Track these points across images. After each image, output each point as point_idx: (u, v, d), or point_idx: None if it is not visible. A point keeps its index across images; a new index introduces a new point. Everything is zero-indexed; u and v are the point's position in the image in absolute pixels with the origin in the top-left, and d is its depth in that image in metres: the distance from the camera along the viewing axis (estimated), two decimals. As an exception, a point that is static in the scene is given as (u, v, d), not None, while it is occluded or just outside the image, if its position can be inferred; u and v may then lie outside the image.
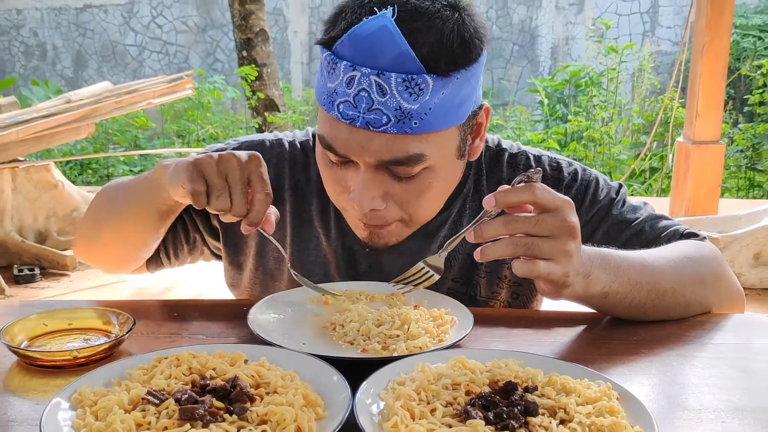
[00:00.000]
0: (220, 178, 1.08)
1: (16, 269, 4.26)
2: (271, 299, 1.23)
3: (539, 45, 9.49)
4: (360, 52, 1.09)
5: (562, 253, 1.01)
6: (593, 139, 7.26)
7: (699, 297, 1.26)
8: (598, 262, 1.11)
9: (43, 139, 4.28)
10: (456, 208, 1.35)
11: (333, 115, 1.14)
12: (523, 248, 1.00)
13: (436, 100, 1.11)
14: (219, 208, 1.08)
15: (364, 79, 1.09)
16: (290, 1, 9.54)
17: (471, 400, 0.88)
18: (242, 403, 0.86)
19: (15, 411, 0.93)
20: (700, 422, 0.92)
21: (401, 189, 1.19)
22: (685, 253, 1.27)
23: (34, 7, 9.71)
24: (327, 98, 1.15)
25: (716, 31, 4.58)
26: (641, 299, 1.18)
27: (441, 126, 1.14)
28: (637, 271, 1.18)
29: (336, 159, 1.19)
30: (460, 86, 1.13)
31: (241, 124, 8.03)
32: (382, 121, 1.10)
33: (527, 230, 0.99)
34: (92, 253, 1.45)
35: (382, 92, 1.09)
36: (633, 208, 1.37)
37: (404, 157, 1.14)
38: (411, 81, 1.08)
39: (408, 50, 1.07)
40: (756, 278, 4.08)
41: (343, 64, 1.10)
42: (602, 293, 1.14)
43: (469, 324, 1.12)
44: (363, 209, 1.18)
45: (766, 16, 8.63)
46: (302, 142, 1.42)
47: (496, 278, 1.37)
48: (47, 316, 1.13)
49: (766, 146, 7.44)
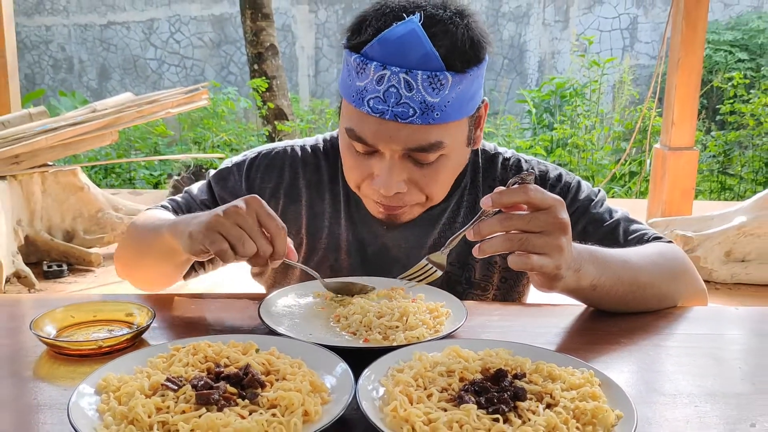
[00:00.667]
0: (235, 229, 1.06)
1: (46, 265, 4.26)
2: (280, 293, 1.23)
3: (527, 59, 9.48)
4: (390, 53, 1.15)
5: (554, 248, 1.02)
6: (577, 145, 7.25)
7: (671, 290, 1.27)
8: (587, 257, 1.13)
9: (71, 146, 4.28)
10: (454, 199, 1.40)
11: (363, 110, 1.19)
12: (517, 243, 1.01)
13: (453, 95, 1.18)
14: (247, 254, 1.05)
15: (394, 76, 1.15)
16: (298, 18, 9.54)
17: (464, 386, 0.88)
18: (254, 388, 0.86)
19: (45, 396, 0.93)
20: (675, 406, 0.92)
21: (421, 174, 1.24)
22: (658, 252, 1.30)
23: (62, 24, 9.70)
24: (356, 96, 1.20)
25: (690, 46, 4.57)
26: (624, 291, 1.20)
27: (456, 117, 1.20)
28: (620, 266, 1.19)
29: (363, 149, 1.24)
30: (471, 82, 1.20)
31: (252, 131, 8.02)
32: (408, 114, 1.16)
33: (521, 227, 1.00)
34: (132, 279, 1.45)
35: (410, 88, 1.15)
36: (609, 210, 1.40)
37: (427, 145, 1.20)
38: (434, 77, 1.15)
39: (432, 50, 1.14)
40: (727, 274, 4.08)
41: (374, 65, 1.16)
42: (591, 286, 1.15)
43: (462, 316, 1.12)
44: (388, 192, 1.23)
45: (737, 32, 8.63)
46: (312, 146, 1.46)
47: (488, 263, 1.41)
48: (74, 309, 1.14)
49: (736, 152, 7.44)
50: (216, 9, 9.60)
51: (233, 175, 1.43)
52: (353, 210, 1.40)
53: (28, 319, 1.08)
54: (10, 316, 1.24)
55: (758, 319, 1.31)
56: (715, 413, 0.91)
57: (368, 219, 1.38)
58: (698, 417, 0.89)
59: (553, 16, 9.39)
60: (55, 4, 9.66)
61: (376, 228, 1.38)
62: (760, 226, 4.01)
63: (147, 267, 1.38)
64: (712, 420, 0.89)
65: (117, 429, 0.79)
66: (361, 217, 1.39)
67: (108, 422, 0.81)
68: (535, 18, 9.40)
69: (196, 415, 0.80)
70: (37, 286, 3.94)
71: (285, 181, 1.42)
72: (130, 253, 1.42)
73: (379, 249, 1.39)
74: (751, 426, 0.88)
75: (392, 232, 1.38)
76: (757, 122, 7.23)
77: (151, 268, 1.38)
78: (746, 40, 8.54)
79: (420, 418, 0.81)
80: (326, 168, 1.43)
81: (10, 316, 1.24)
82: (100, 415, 0.83)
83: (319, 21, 9.55)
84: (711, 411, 0.91)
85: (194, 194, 1.45)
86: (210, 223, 1.07)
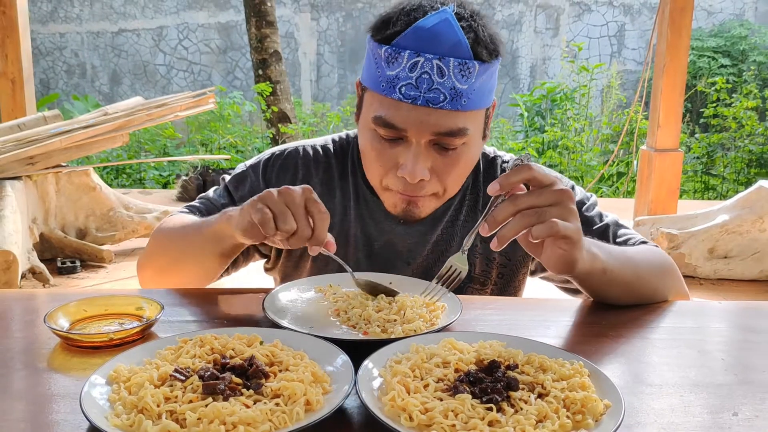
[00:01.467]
0: (281, 205, 1.06)
1: (59, 262, 4.25)
2: (283, 288, 1.23)
3: (520, 64, 9.48)
4: (423, 41, 1.17)
5: (570, 213, 1.03)
6: (567, 147, 7.26)
7: (662, 284, 1.28)
8: (591, 242, 1.14)
9: (83, 147, 4.27)
10: (457, 198, 1.41)
11: (394, 97, 1.19)
12: (535, 216, 1.01)
13: (478, 84, 1.20)
14: (286, 230, 1.05)
15: (427, 63, 1.17)
16: (301, 26, 9.53)
17: (459, 376, 0.88)
18: (258, 379, 0.86)
19: (58, 386, 0.93)
20: (661, 396, 0.92)
21: (443, 162, 1.25)
22: (649, 250, 1.32)
23: (75, 31, 9.68)
24: (387, 84, 1.20)
25: (675, 53, 4.57)
26: (628, 280, 1.20)
27: (480, 105, 1.23)
28: (620, 255, 1.21)
29: (389, 135, 1.23)
30: (491, 74, 1.23)
31: (257, 134, 8.02)
32: (439, 99, 1.18)
33: (533, 203, 1.01)
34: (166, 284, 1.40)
35: (442, 74, 1.17)
36: (600, 215, 1.41)
37: (456, 129, 1.20)
38: (464, 65, 1.17)
39: (463, 39, 1.17)
40: (710, 270, 4.08)
41: (407, 53, 1.17)
42: (602, 269, 1.15)
43: (458, 310, 1.12)
44: (414, 179, 1.22)
45: (720, 39, 8.63)
46: (323, 146, 1.46)
47: (488, 260, 1.41)
48: (86, 303, 1.13)
49: (719, 154, 7.45)
50: (222, 17, 9.59)
51: (249, 176, 1.43)
52: (362, 207, 1.40)
53: (43, 312, 1.08)
54: (26, 310, 1.24)
55: (740, 312, 1.31)
56: (699, 403, 0.91)
57: (376, 216, 1.39)
58: (683, 406, 0.89)
59: (544, 24, 9.38)
60: (68, 12, 9.65)
61: (384, 224, 1.38)
62: (741, 224, 4.01)
63: (187, 267, 1.35)
64: (696, 409, 0.89)
65: (127, 418, 0.79)
66: (369, 213, 1.40)
67: (119, 411, 0.81)
68: (527, 25, 9.39)
69: (202, 405, 0.79)
70: (51, 282, 3.94)
71: (299, 180, 1.41)
72: (165, 258, 1.38)
73: (385, 244, 1.39)
74: (733, 415, 0.87)
75: (398, 227, 1.38)
76: (738, 125, 7.24)
77: (192, 267, 1.34)
78: (728, 46, 8.54)
79: (417, 407, 0.80)
80: (336, 166, 1.43)
81: (26, 309, 1.24)
82: (111, 404, 0.83)
83: (321, 28, 9.54)
84: (695, 401, 0.91)
85: (212, 198, 1.44)
86: (261, 196, 1.08)
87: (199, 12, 9.57)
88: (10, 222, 3.71)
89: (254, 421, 0.77)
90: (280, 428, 0.78)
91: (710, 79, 7.89)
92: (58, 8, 9.64)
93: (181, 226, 1.33)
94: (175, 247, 1.35)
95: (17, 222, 3.78)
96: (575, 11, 9.32)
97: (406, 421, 0.79)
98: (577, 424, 0.81)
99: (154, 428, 0.77)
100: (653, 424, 0.85)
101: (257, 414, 0.78)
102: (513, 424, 0.78)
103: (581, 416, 0.82)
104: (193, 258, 1.31)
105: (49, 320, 1.05)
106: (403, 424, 0.79)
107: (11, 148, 3.99)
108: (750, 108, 7.17)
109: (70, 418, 0.84)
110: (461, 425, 0.78)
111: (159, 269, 1.40)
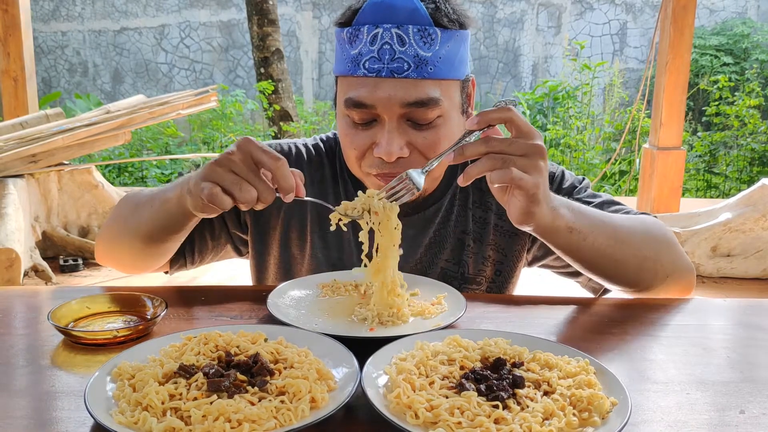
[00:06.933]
0: (229, 174, 1.01)
1: (62, 260, 4.26)
2: (287, 286, 1.22)
3: (521, 63, 9.47)
4: (381, 12, 1.17)
5: (534, 167, 1.02)
6: (569, 145, 7.25)
7: (652, 255, 1.24)
8: (563, 202, 1.13)
9: (85, 146, 4.28)
10: (448, 198, 1.39)
11: (359, 74, 1.19)
12: (500, 162, 1.01)
13: (443, 51, 1.19)
14: (247, 199, 1.00)
15: (386, 33, 1.17)
16: (302, 24, 9.52)
17: (465, 374, 0.88)
18: (263, 376, 0.86)
19: (62, 383, 0.93)
20: (667, 394, 0.92)
21: (421, 137, 1.22)
22: (639, 219, 1.28)
23: (77, 29, 9.68)
24: (351, 64, 1.20)
25: (678, 51, 4.56)
26: (602, 243, 1.17)
27: (449, 75, 1.21)
28: (598, 217, 1.19)
29: (361, 117, 1.22)
30: (458, 44, 1.22)
31: (259, 132, 8.01)
32: (403, 68, 1.17)
33: (503, 149, 1.01)
34: (114, 256, 1.38)
35: (402, 42, 1.17)
36: (593, 195, 1.39)
37: (426, 98, 1.19)
38: (424, 31, 1.17)
39: (420, 6, 1.17)
40: (713, 268, 4.08)
41: (366, 27, 1.18)
42: (567, 227, 1.12)
43: (462, 307, 1.12)
44: (390, 157, 1.20)
45: (722, 37, 8.61)
46: (314, 145, 1.45)
47: (482, 258, 1.39)
48: (90, 301, 1.13)
49: (721, 152, 7.43)
50: (224, 15, 9.58)
51: None
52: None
53: (46, 310, 1.07)
54: (29, 308, 1.24)
55: (744, 310, 1.30)
56: (705, 400, 0.90)
57: None
58: (689, 404, 0.89)
59: (546, 22, 9.37)
60: (70, 10, 9.65)
61: None
62: (744, 222, 4.00)
63: (135, 238, 1.27)
64: (702, 407, 0.88)
65: (131, 415, 0.79)
66: None
67: (123, 408, 0.80)
68: (529, 24, 9.38)
69: (207, 402, 0.79)
70: (53, 279, 3.94)
71: None
72: (117, 228, 1.33)
73: None
74: (740, 413, 0.87)
75: None
76: (741, 123, 7.22)
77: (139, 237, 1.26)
78: (731, 44, 8.52)
79: (422, 405, 0.80)
80: (329, 166, 1.42)
81: (29, 307, 1.24)
82: (115, 401, 0.83)
83: (323, 26, 9.53)
84: (701, 398, 0.91)
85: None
86: (204, 174, 1.02)
87: (200, 10, 9.56)
88: (12, 220, 3.71)
89: (259, 419, 0.77)
90: (285, 425, 0.77)
91: (712, 77, 7.88)
92: (60, 7, 9.63)
93: (138, 196, 1.30)
94: (131, 215, 1.29)
95: (19, 220, 3.78)
96: (577, 9, 9.31)
97: (411, 418, 0.79)
98: (584, 421, 0.80)
99: (158, 425, 0.76)
100: (660, 421, 0.84)
101: (262, 411, 0.78)
102: (519, 421, 0.78)
103: (588, 414, 0.81)
104: (146, 228, 1.25)
105: (52, 318, 1.05)
106: (408, 421, 0.79)
107: (13, 146, 3.99)
108: (752, 106, 7.15)
109: (74, 416, 0.83)
110: (467, 423, 0.78)
111: (110, 239, 1.35)
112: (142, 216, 1.25)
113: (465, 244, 1.38)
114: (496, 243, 1.40)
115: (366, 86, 1.19)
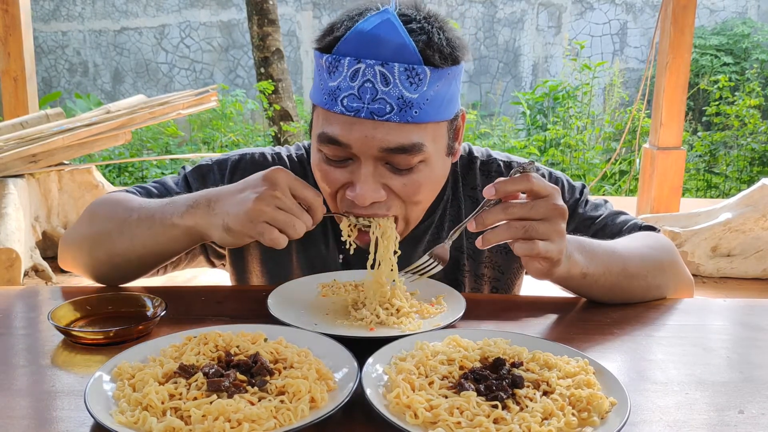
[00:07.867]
0: (280, 213, 1.01)
1: (62, 260, 4.25)
2: (286, 286, 1.22)
3: (522, 63, 9.46)
4: (364, 45, 1.05)
5: (556, 233, 1.00)
6: (569, 145, 7.24)
7: (658, 282, 1.26)
8: (576, 246, 1.12)
9: (86, 145, 4.27)
10: (438, 214, 1.34)
11: (336, 111, 1.08)
12: (521, 231, 0.99)
13: (432, 92, 1.07)
14: (300, 235, 1.03)
15: (369, 69, 1.05)
16: (302, 24, 9.52)
17: (464, 374, 0.88)
18: (263, 376, 0.86)
19: (62, 383, 0.93)
20: (666, 394, 0.92)
21: (400, 183, 1.13)
22: (646, 243, 1.27)
23: (77, 29, 9.68)
24: (329, 97, 1.08)
25: (678, 51, 4.56)
26: (613, 281, 1.18)
27: (436, 117, 1.10)
28: (609, 256, 1.18)
29: (335, 155, 1.12)
30: (449, 83, 1.10)
31: (259, 132, 8.01)
32: (385, 110, 1.06)
33: (523, 214, 0.99)
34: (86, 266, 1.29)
35: (386, 82, 1.05)
36: (595, 206, 1.37)
37: (408, 145, 1.08)
38: (412, 70, 1.05)
39: (409, 41, 1.05)
40: (713, 268, 4.08)
41: (347, 60, 1.06)
42: (581, 274, 1.13)
43: (461, 307, 1.12)
44: (364, 202, 1.10)
45: (722, 37, 8.61)
46: (298, 155, 1.38)
47: (477, 277, 1.36)
48: (90, 301, 1.13)
49: (721, 152, 7.43)
50: (224, 15, 9.58)
51: (213, 173, 1.33)
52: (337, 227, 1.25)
53: (46, 310, 1.08)
54: (29, 307, 1.24)
55: (744, 310, 1.30)
56: (704, 400, 0.90)
57: None
58: (689, 404, 0.89)
59: (546, 22, 9.36)
60: (70, 10, 9.65)
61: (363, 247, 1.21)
62: (744, 222, 4.00)
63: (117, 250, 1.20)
64: (702, 407, 0.89)
65: (131, 414, 0.79)
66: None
67: (123, 408, 0.81)
68: (529, 23, 9.37)
69: (207, 402, 0.79)
70: (53, 280, 3.94)
71: None
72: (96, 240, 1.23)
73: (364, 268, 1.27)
74: (739, 413, 0.87)
75: None
76: (741, 123, 7.22)
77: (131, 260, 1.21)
78: (731, 44, 8.52)
79: (422, 405, 0.80)
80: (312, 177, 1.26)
81: (29, 307, 1.24)
82: (115, 401, 0.83)
83: (323, 26, 9.53)
84: (701, 398, 0.91)
85: (169, 186, 1.33)
86: (251, 215, 1.01)
87: (201, 10, 9.56)
88: (12, 220, 3.71)
89: (259, 418, 0.77)
90: (284, 425, 0.77)
91: (713, 77, 7.88)
92: (60, 6, 9.63)
93: (126, 207, 1.21)
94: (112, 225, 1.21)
95: (20, 220, 3.78)
96: (577, 9, 9.30)
97: (411, 418, 0.79)
98: (583, 421, 0.80)
99: (158, 425, 0.76)
100: (659, 421, 0.85)
101: (262, 411, 0.78)
102: (518, 421, 0.78)
103: (587, 414, 0.81)
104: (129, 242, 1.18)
105: (52, 317, 1.05)
106: (408, 421, 0.79)
107: (14, 146, 3.99)
108: (752, 106, 7.15)
109: (74, 415, 0.83)
110: (466, 422, 0.78)
111: (86, 250, 1.25)
112: (135, 236, 1.18)
113: (460, 265, 1.34)
114: (491, 260, 1.37)
115: (342, 124, 1.08)
